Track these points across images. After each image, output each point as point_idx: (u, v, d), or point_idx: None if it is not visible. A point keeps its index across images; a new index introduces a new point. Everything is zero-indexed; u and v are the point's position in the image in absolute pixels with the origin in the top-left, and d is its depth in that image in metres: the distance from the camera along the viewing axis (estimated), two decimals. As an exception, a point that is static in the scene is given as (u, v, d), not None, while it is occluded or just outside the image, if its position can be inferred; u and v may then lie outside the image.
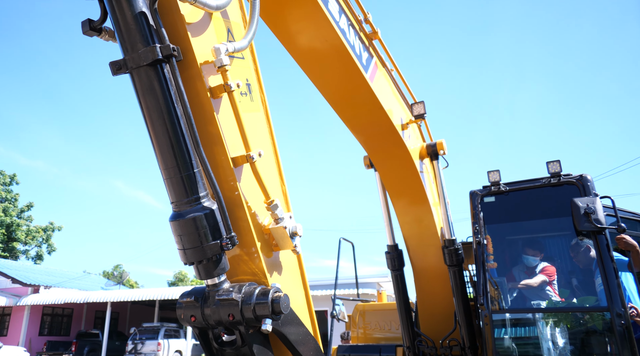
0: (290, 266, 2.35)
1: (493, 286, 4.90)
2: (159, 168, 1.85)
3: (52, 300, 26.25)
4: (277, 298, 1.89)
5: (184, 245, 1.85)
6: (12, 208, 45.97)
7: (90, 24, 1.84)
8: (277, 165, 2.38)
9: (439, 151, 4.81)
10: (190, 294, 2.00)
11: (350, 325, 6.91)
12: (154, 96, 1.78)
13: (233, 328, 1.94)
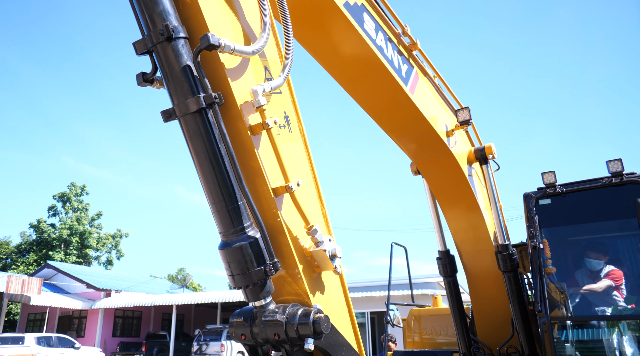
0: (333, 286, 2.50)
1: (552, 292, 4.79)
2: (207, 203, 2.05)
3: (122, 303, 27.68)
4: (318, 318, 2.04)
5: (232, 271, 2.04)
6: (84, 217, 48.79)
7: (144, 76, 2.08)
8: (316, 190, 2.53)
9: (488, 155, 4.75)
10: (240, 314, 2.19)
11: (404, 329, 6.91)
12: (200, 139, 1.98)
13: (279, 346, 2.11)
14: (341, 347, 2.34)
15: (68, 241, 47.06)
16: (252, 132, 2.13)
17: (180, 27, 2.00)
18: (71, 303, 28.35)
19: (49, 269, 33.86)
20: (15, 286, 23.76)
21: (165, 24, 1.94)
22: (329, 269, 2.32)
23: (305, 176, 2.45)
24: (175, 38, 1.95)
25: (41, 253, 46.06)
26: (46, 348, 19.24)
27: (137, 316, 31.12)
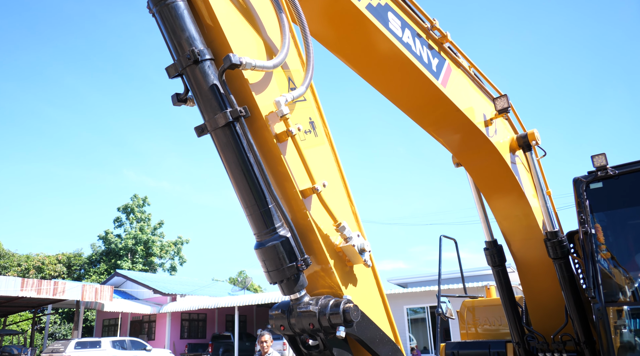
0: (365, 278, 2.64)
1: (606, 278, 4.68)
2: (241, 207, 2.25)
3: (187, 306, 28.77)
4: (348, 308, 2.20)
5: (267, 268, 2.23)
6: (147, 227, 51.08)
7: (177, 96, 2.30)
8: (345, 189, 2.67)
9: (531, 141, 4.64)
10: (278, 307, 2.38)
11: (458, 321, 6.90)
12: (231, 150, 2.17)
13: (314, 334, 2.28)
14: (374, 334, 2.48)
15: (134, 250, 49.44)
16: (278, 140, 2.30)
17: (206, 50, 2.19)
18: (140, 308, 29.77)
19: (118, 277, 35.68)
20: (89, 295, 25.29)
21: (191, 48, 2.14)
22: (359, 262, 2.47)
23: (333, 177, 2.60)
24: (201, 60, 2.16)
25: (110, 262, 48.57)
26: (121, 351, 20.35)
27: (202, 319, 32.25)
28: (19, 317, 41.92)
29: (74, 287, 25.14)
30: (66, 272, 48.31)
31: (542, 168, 4.96)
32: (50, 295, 23.60)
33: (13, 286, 22.21)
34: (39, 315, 33.47)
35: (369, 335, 2.44)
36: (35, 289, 22.97)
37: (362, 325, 2.39)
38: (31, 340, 32.20)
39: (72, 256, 50.23)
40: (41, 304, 29.03)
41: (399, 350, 2.65)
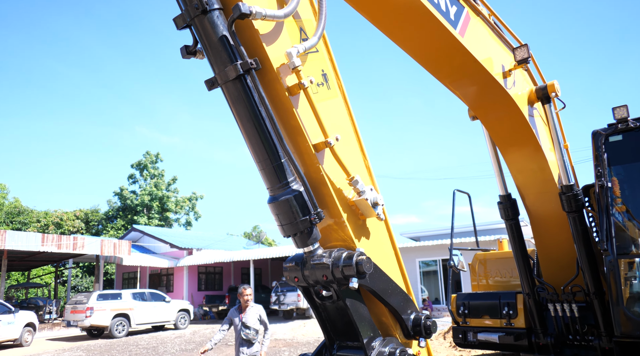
0: (378, 231, 2.65)
1: (619, 231, 4.67)
2: (254, 161, 2.24)
3: (204, 260, 29.41)
4: (361, 260, 2.21)
5: (281, 222, 2.24)
6: (161, 183, 51.68)
7: (187, 49, 2.25)
8: (358, 143, 2.65)
9: (550, 93, 4.48)
10: (292, 260, 2.41)
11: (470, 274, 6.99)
12: (242, 103, 2.14)
13: (328, 286, 2.31)
14: (386, 285, 2.51)
15: (149, 206, 50.22)
16: (290, 93, 2.26)
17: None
18: (158, 262, 30.51)
19: (135, 232, 36.38)
20: (108, 249, 25.96)
21: None
22: (372, 216, 2.48)
23: (346, 131, 2.57)
24: (210, 10, 2.09)
25: (127, 218, 49.48)
26: (141, 302, 20.97)
27: (218, 272, 33.02)
28: (42, 271, 43.37)
29: (93, 242, 25.77)
30: (84, 228, 49.40)
31: (560, 121, 4.86)
32: (70, 250, 24.23)
33: (34, 241, 22.71)
34: (61, 268, 34.56)
35: (381, 286, 2.47)
36: (56, 244, 23.58)
37: (375, 277, 2.41)
38: (55, 292, 33.39)
39: (89, 212, 51.23)
40: (62, 258, 29.91)
41: (411, 300, 2.69)
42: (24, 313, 18.42)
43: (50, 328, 24.38)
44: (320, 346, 2.60)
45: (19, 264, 30.96)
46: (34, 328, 18.58)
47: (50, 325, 25.10)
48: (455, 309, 6.01)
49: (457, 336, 5.95)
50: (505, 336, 5.43)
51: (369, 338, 2.37)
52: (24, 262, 30.23)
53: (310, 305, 2.52)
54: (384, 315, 2.60)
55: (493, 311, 5.69)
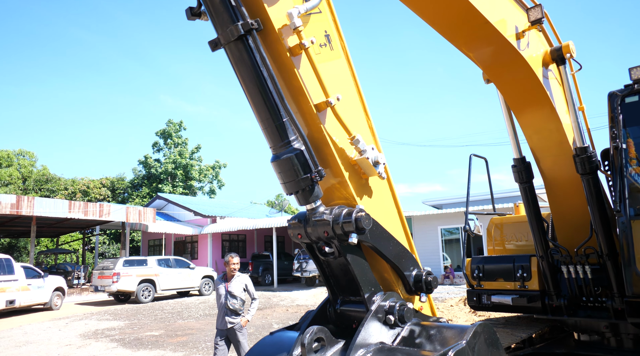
0: (381, 190, 2.70)
1: (634, 192, 4.64)
2: (257, 121, 2.30)
3: (227, 227, 29.95)
4: (360, 216, 2.28)
5: (283, 180, 2.31)
6: (184, 152, 52.32)
7: (191, 10, 2.30)
8: (361, 103, 2.67)
9: (565, 54, 4.38)
10: (295, 217, 2.49)
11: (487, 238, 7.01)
12: (244, 64, 2.18)
13: (329, 242, 2.39)
14: (387, 242, 2.58)
15: (173, 174, 51.03)
16: (292, 53, 2.29)
17: None
18: (182, 229, 31.20)
19: (160, 200, 37.13)
20: (133, 217, 26.62)
21: None
22: (374, 175, 2.53)
23: (348, 91, 2.59)
24: None
25: (152, 186, 50.43)
26: (166, 269, 21.56)
27: (241, 240, 33.64)
28: (70, 237, 44.78)
29: (119, 209, 26.42)
30: (110, 195, 50.56)
31: (576, 83, 4.79)
32: (97, 217, 24.90)
33: (62, 208, 23.38)
34: (88, 235, 35.58)
35: (383, 243, 2.54)
36: (83, 211, 24.24)
37: (375, 233, 2.48)
38: (83, 258, 34.53)
39: (115, 180, 52.33)
40: (89, 225, 30.78)
41: (412, 257, 2.75)
42: (53, 278, 19.13)
43: (79, 293, 25.32)
44: (324, 301, 2.69)
45: (48, 230, 32.01)
46: (63, 292, 19.32)
47: (79, 289, 26.09)
48: (470, 272, 6.08)
49: (472, 299, 6.02)
50: (519, 299, 5.48)
51: (370, 292, 2.45)
52: (52, 228, 31.24)
53: (314, 261, 2.61)
54: (386, 271, 2.67)
55: (507, 274, 5.73)
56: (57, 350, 10.81)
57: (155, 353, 10.19)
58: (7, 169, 46.69)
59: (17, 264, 17.25)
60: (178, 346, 10.78)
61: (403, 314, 2.40)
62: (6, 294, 16.13)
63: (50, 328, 14.01)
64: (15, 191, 43.87)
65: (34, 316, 16.98)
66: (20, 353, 10.57)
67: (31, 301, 17.44)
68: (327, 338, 2.29)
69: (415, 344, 2.34)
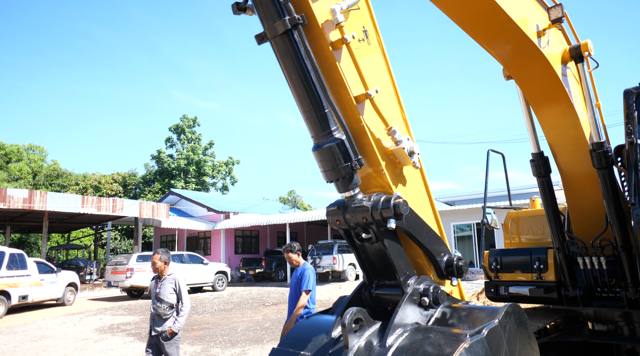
0: (414, 179, 2.83)
1: None
2: (300, 112, 2.43)
3: (240, 223, 30.12)
4: (398, 203, 2.40)
5: (324, 168, 2.44)
6: (198, 147, 52.52)
7: (237, 5, 2.43)
8: (396, 95, 2.80)
9: (584, 52, 4.49)
10: (334, 204, 2.62)
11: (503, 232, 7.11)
12: (289, 57, 2.31)
13: (367, 227, 2.51)
14: (421, 228, 2.71)
15: (186, 170, 51.32)
16: (334, 47, 2.42)
17: None
18: (195, 225, 31.42)
19: (172, 196, 37.40)
20: (146, 212, 26.79)
21: None
22: (409, 164, 2.65)
23: (385, 84, 2.72)
24: None
25: (164, 182, 50.73)
26: (180, 264, 21.74)
27: (254, 235, 33.83)
28: (81, 233, 45.20)
29: (132, 205, 26.58)
30: (122, 191, 50.88)
31: (593, 80, 4.90)
32: (109, 212, 24.96)
33: (74, 203, 23.43)
34: (100, 231, 35.89)
35: (417, 229, 2.67)
36: (95, 206, 24.33)
37: (410, 220, 2.61)
38: (95, 254, 34.87)
39: (127, 175, 52.68)
40: (101, 221, 31.03)
41: (444, 243, 2.87)
42: (66, 273, 19.26)
43: (91, 289, 25.59)
44: (359, 286, 2.82)
45: (59, 225, 32.26)
46: (75, 287, 19.46)
47: (91, 285, 26.34)
48: (488, 265, 6.19)
49: (489, 291, 6.14)
50: (536, 289, 5.61)
51: (405, 276, 2.57)
52: (64, 224, 31.44)
53: (350, 247, 2.74)
54: (419, 256, 2.80)
55: (524, 266, 5.85)
56: (73, 344, 11.03)
57: (174, 345, 10.39)
58: (17, 164, 46.98)
59: (30, 259, 17.37)
60: (195, 340, 10.97)
61: (437, 296, 2.53)
62: (19, 290, 16.27)
63: (65, 323, 14.25)
64: (26, 186, 44.09)
65: (47, 311, 17.19)
66: (37, 347, 10.77)
67: (44, 297, 17.59)
68: (366, 319, 2.42)
69: (449, 324, 2.46)
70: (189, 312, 5.76)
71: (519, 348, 2.40)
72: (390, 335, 2.26)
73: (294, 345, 2.56)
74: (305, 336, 2.61)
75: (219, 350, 9.83)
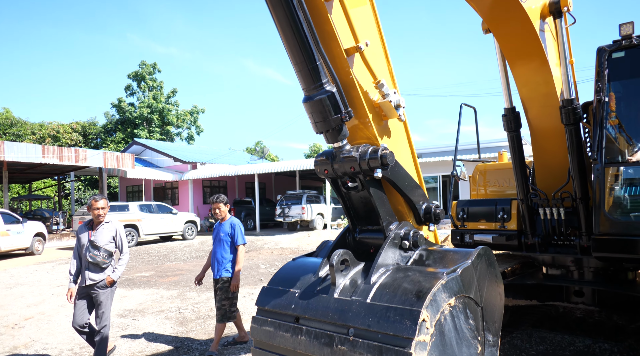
0: (398, 132, 2.97)
1: (609, 143, 5.00)
2: (291, 64, 2.49)
3: (208, 174, 29.92)
4: (385, 153, 2.55)
5: (314, 119, 2.54)
6: (160, 95, 50.94)
7: None
8: (383, 49, 2.88)
9: (563, 7, 4.55)
10: (323, 154, 2.75)
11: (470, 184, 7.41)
12: (281, 8, 2.33)
13: (355, 177, 2.66)
14: (404, 178, 2.88)
15: (149, 119, 50.02)
16: (325, -1, 2.47)
17: None
18: (162, 175, 31.07)
19: (137, 146, 36.64)
20: (111, 162, 26.20)
21: None
22: (394, 117, 2.78)
23: (374, 37, 2.80)
24: None
25: (127, 131, 49.42)
26: (148, 214, 21.65)
27: (222, 186, 33.77)
28: (42, 184, 44.02)
29: (96, 155, 25.88)
30: (83, 141, 49.37)
31: (569, 37, 5.00)
32: (72, 162, 24.19)
33: (34, 153, 22.59)
34: (62, 181, 35.05)
35: (400, 179, 2.84)
36: (57, 156, 23.46)
37: (395, 170, 2.77)
38: (59, 204, 34.22)
39: (86, 125, 50.99)
40: (63, 171, 30.15)
41: (423, 192, 3.07)
42: (32, 223, 19.10)
43: (59, 239, 25.26)
44: (343, 231, 3.00)
45: (20, 176, 31.25)
46: (44, 237, 19.31)
47: (59, 235, 25.97)
48: (455, 214, 6.49)
49: (455, 238, 6.47)
50: (498, 237, 5.97)
51: (387, 222, 2.76)
52: (24, 174, 30.48)
53: (337, 195, 2.89)
54: (400, 204, 2.98)
55: (489, 215, 6.18)
56: (49, 290, 11.09)
57: (150, 291, 10.59)
58: (-38, 112, 44.61)
59: (-6, 210, 17.06)
60: (171, 286, 11.19)
61: (416, 240, 2.73)
62: (-15, 240, 16.03)
63: (37, 271, 14.23)
64: (-25, 136, 42.09)
65: (17, 260, 17.10)
66: (13, 294, 10.82)
67: (12, 246, 17.53)
68: (351, 260, 2.61)
69: (427, 264, 2.68)
70: (127, 262, 5.68)
71: (487, 284, 2.66)
72: (374, 274, 2.46)
73: (283, 284, 2.74)
74: (293, 276, 2.79)
75: (195, 294, 10.09)
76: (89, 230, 5.46)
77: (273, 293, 2.72)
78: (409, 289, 2.26)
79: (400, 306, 2.18)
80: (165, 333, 7.20)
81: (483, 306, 2.60)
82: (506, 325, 6.45)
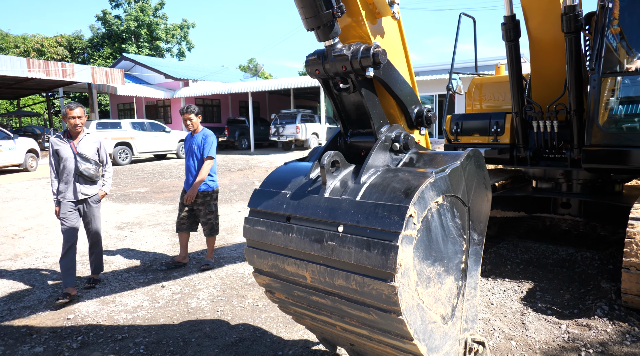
0: (392, 31, 2.88)
1: (609, 52, 4.91)
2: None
3: (201, 92, 29.40)
4: (377, 52, 2.47)
5: (305, 15, 2.44)
6: (147, 7, 48.71)
7: None
8: None
9: None
10: (314, 54, 2.67)
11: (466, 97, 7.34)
12: None
13: (346, 77, 2.60)
14: (396, 79, 2.83)
15: (137, 33, 48.28)
16: None
17: None
18: (153, 93, 30.53)
19: (126, 61, 35.67)
20: (100, 78, 25.53)
21: None
22: (388, 14, 2.68)
23: None
24: None
25: (114, 46, 47.88)
26: (141, 132, 21.52)
27: (216, 104, 33.30)
28: (31, 100, 43.29)
29: (84, 70, 25.12)
30: (69, 56, 47.97)
31: None
32: (60, 77, 23.50)
33: (19, 66, 21.75)
34: (51, 98, 34.41)
35: (392, 80, 2.78)
36: (44, 70, 22.63)
37: (387, 70, 2.71)
38: (50, 121, 33.84)
39: (72, 38, 49.27)
40: (51, 87, 29.52)
41: (416, 96, 3.03)
42: (24, 139, 18.92)
43: (51, 155, 25.17)
44: (334, 135, 2.99)
45: (6, 91, 30.63)
46: (36, 154, 19.20)
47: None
48: (449, 128, 6.49)
49: (448, 152, 6.53)
50: (491, 151, 6.02)
51: (379, 124, 2.74)
52: (10, 90, 29.82)
53: (328, 97, 2.84)
54: (392, 107, 2.95)
55: (483, 129, 6.19)
56: (46, 204, 11.23)
57: (145, 206, 10.76)
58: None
59: (-17, 125, 16.98)
60: (166, 201, 11.36)
61: (407, 142, 2.73)
62: (-23, 155, 15.95)
63: (33, 187, 14.33)
64: (-48, 48, 40.66)
65: (11, 176, 17.12)
66: (10, 207, 10.96)
67: (5, 162, 17.52)
68: (342, 161, 2.62)
69: (416, 166, 2.70)
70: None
71: (475, 185, 2.70)
72: (363, 174, 2.48)
73: (274, 186, 2.77)
74: (285, 178, 2.81)
75: (189, 209, 10.28)
76: (70, 141, 5.12)
77: (265, 194, 2.75)
78: (398, 188, 2.29)
79: (389, 202, 2.21)
80: (162, 244, 7.40)
81: (470, 207, 2.66)
82: (494, 236, 6.67)
